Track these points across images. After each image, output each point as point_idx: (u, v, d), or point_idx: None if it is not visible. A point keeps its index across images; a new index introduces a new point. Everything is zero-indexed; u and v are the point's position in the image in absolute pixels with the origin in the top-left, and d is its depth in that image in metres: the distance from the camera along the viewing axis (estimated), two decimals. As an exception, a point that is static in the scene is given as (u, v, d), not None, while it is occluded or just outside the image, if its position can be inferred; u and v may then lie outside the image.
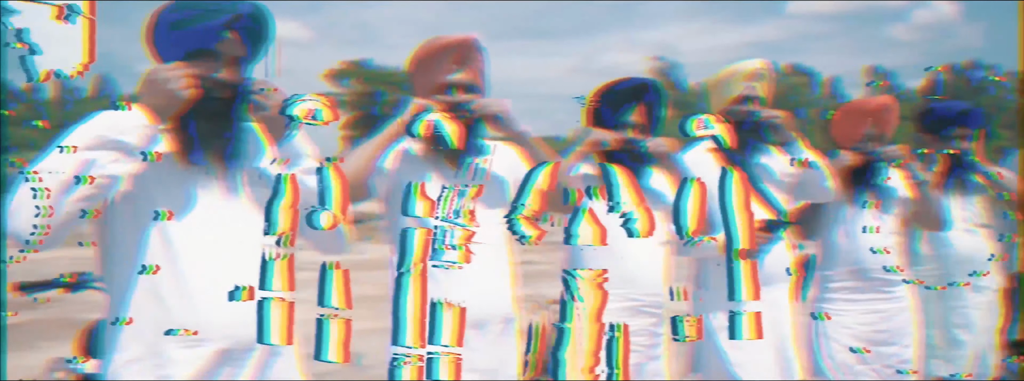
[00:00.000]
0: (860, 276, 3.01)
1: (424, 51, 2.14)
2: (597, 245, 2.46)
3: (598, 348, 2.51)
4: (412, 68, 2.17)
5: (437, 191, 2.14)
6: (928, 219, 3.01)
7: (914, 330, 3.04)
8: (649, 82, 2.60)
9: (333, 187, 1.71)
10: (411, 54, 2.21)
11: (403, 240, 2.17)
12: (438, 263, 2.11)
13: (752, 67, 2.86)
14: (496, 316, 2.15)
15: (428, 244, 2.11)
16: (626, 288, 2.49)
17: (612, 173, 2.54)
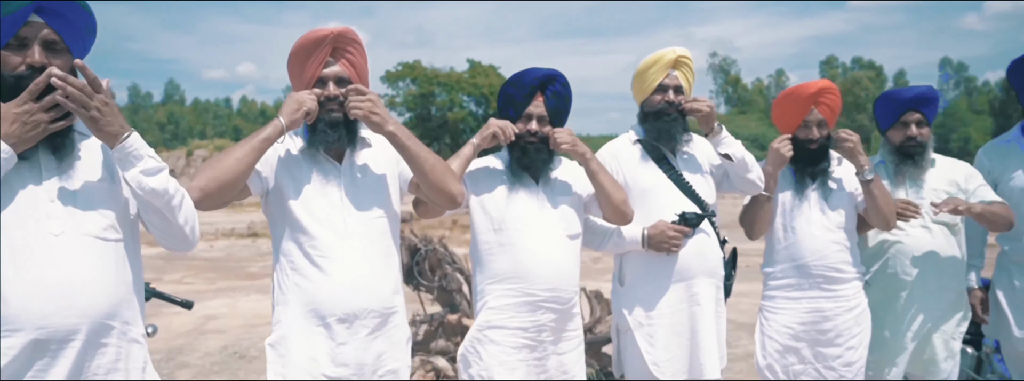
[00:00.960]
0: (801, 273, 2.86)
1: (299, 44, 2.11)
2: (491, 239, 2.42)
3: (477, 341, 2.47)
4: (289, 62, 2.15)
5: (317, 187, 2.13)
6: (875, 213, 2.84)
7: (861, 331, 2.87)
8: (551, 73, 2.52)
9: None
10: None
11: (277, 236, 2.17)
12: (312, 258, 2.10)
13: (672, 56, 2.75)
14: (367, 310, 2.11)
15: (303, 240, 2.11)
16: (522, 283, 2.42)
17: (510, 165, 2.50)
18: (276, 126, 2.01)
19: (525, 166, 2.50)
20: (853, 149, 2.80)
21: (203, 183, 1.93)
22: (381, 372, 2.16)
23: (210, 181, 1.93)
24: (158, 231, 1.81)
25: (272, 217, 2.16)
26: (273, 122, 2.02)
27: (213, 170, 1.95)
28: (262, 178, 2.11)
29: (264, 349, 2.14)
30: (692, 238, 2.67)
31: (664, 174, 2.73)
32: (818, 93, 2.85)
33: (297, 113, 2.03)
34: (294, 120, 2.03)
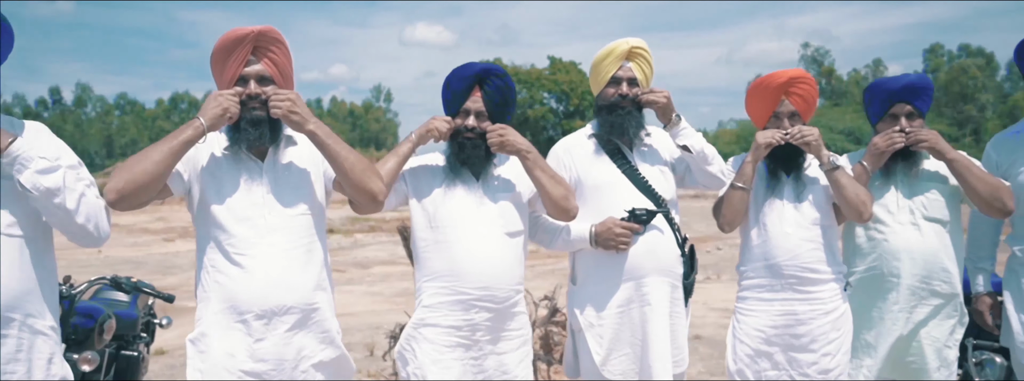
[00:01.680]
0: (772, 273, 2.69)
1: (220, 43, 2.13)
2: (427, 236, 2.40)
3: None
4: (211, 60, 2.18)
5: (239, 185, 2.16)
6: (844, 205, 2.65)
7: (839, 337, 2.67)
8: (488, 68, 2.46)
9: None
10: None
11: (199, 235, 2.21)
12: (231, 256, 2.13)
13: (625, 47, 2.64)
14: (286, 307, 2.12)
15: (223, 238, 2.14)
16: (455, 281, 2.38)
17: (449, 161, 2.46)
18: (196, 127, 2.02)
19: (463, 162, 2.46)
20: (814, 143, 2.62)
21: (120, 185, 1.97)
22: (304, 366, 2.17)
23: (126, 183, 1.97)
24: (61, 228, 1.88)
25: (194, 216, 2.20)
26: (193, 123, 2.03)
27: (129, 172, 1.98)
28: (184, 179, 2.14)
29: None
30: (643, 235, 2.56)
31: (618, 169, 2.63)
32: (788, 83, 2.67)
33: (218, 114, 2.05)
34: (214, 121, 2.05)
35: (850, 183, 2.61)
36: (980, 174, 2.64)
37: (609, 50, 2.66)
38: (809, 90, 2.70)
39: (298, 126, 2.12)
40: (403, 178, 2.47)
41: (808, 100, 2.70)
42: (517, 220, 2.49)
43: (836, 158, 2.66)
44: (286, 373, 2.14)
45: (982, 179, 2.63)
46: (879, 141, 2.71)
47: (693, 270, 2.68)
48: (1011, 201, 2.65)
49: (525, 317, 2.54)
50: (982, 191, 2.62)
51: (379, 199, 2.23)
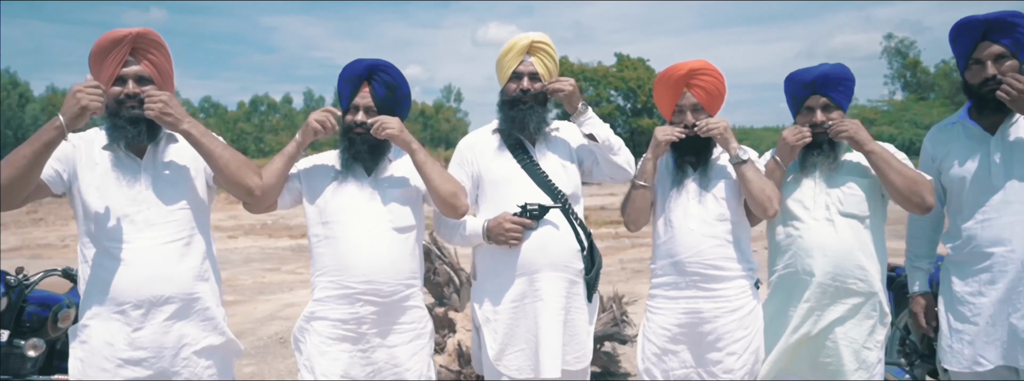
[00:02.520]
0: (677, 270, 2.64)
1: (98, 44, 2.23)
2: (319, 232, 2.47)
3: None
4: (89, 61, 2.27)
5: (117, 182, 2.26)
6: (749, 199, 2.57)
7: (746, 336, 2.60)
8: (376, 63, 2.50)
9: None
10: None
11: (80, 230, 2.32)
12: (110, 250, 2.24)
13: (526, 42, 2.64)
14: (163, 297, 2.22)
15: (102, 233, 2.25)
16: (340, 275, 2.44)
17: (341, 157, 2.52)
18: (56, 127, 2.05)
19: (354, 157, 2.51)
20: (721, 135, 2.55)
21: None
22: (185, 353, 2.27)
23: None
24: None
25: (75, 212, 2.31)
26: (53, 122, 2.06)
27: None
28: (62, 178, 2.24)
29: None
30: (536, 231, 2.55)
31: (518, 164, 2.63)
32: (689, 75, 2.61)
33: (76, 113, 2.05)
34: (73, 120, 2.06)
35: (756, 177, 2.54)
36: (899, 167, 2.52)
37: (510, 45, 2.66)
38: (712, 81, 2.63)
39: (171, 126, 2.21)
40: (297, 177, 2.54)
41: (711, 92, 2.63)
42: (408, 215, 2.52)
43: (745, 151, 2.58)
44: (166, 360, 2.23)
45: (900, 172, 2.51)
46: (788, 135, 2.62)
47: (594, 265, 2.64)
48: (930, 196, 2.52)
49: (421, 311, 2.57)
50: (899, 184, 2.50)
51: (256, 194, 2.31)
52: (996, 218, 2.50)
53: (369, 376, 2.47)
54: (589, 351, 2.67)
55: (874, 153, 2.53)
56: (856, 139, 2.54)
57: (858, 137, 2.54)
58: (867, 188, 2.63)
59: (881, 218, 2.67)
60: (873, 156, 2.53)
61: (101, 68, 2.24)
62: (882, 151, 2.53)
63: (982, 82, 2.52)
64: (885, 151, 2.54)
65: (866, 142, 2.54)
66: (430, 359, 2.59)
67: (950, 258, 2.65)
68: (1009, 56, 2.50)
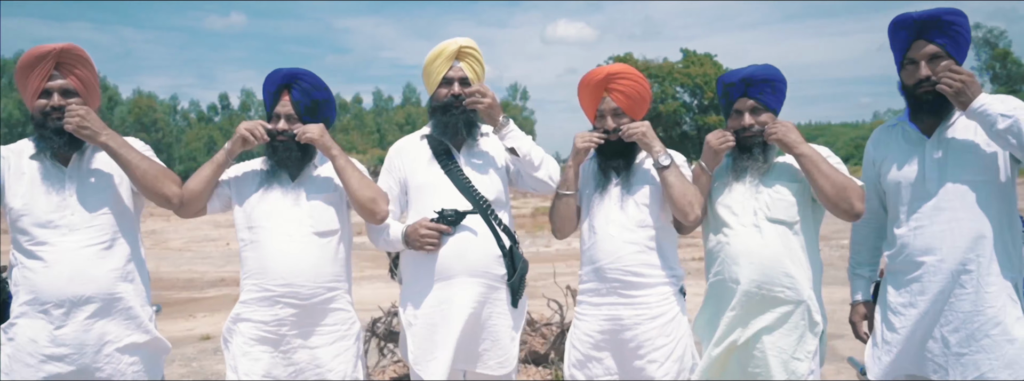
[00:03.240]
0: (599, 277, 2.62)
1: (23, 59, 2.37)
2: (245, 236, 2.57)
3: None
4: (15, 75, 2.40)
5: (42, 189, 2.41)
6: (671, 204, 2.53)
7: (668, 344, 2.55)
8: (293, 72, 2.57)
9: None
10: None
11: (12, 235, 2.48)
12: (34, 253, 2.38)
13: (454, 47, 2.66)
14: (84, 297, 2.34)
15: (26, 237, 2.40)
16: (261, 278, 2.52)
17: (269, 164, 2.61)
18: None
19: (278, 164, 2.59)
20: (642, 139, 2.52)
21: None
22: (107, 350, 2.39)
23: None
24: None
25: (7, 218, 2.45)
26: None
27: None
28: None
29: None
30: (453, 237, 2.57)
31: (441, 170, 2.66)
32: (607, 79, 2.59)
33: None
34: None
35: (677, 182, 2.50)
36: (828, 171, 2.44)
37: (439, 51, 2.68)
38: (631, 85, 2.59)
39: (89, 138, 2.34)
40: (227, 184, 2.63)
41: (631, 96, 2.60)
42: (331, 220, 2.58)
43: (667, 156, 2.54)
44: (88, 357, 2.36)
45: (829, 177, 2.42)
46: (711, 139, 2.57)
47: (516, 270, 2.64)
48: (859, 203, 2.44)
49: (346, 314, 2.62)
50: (827, 189, 2.42)
51: (173, 202, 2.42)
52: (928, 226, 2.39)
53: (291, 376, 2.55)
54: (513, 356, 2.67)
55: (804, 156, 2.45)
56: (785, 142, 2.47)
57: (787, 139, 2.46)
58: (798, 193, 2.55)
59: (813, 224, 2.59)
60: (803, 159, 2.46)
61: (27, 82, 2.38)
62: (812, 154, 2.45)
63: (916, 83, 2.41)
64: (816, 154, 2.46)
65: (796, 145, 2.46)
66: (357, 360, 2.65)
67: (887, 266, 2.54)
68: (944, 56, 2.37)
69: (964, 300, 2.33)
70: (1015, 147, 2.19)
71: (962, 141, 2.38)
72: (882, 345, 2.48)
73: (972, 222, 2.33)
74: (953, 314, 2.34)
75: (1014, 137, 2.16)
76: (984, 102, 2.22)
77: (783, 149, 2.51)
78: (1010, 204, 2.38)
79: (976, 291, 2.31)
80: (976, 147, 2.36)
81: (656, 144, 2.54)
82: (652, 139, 2.54)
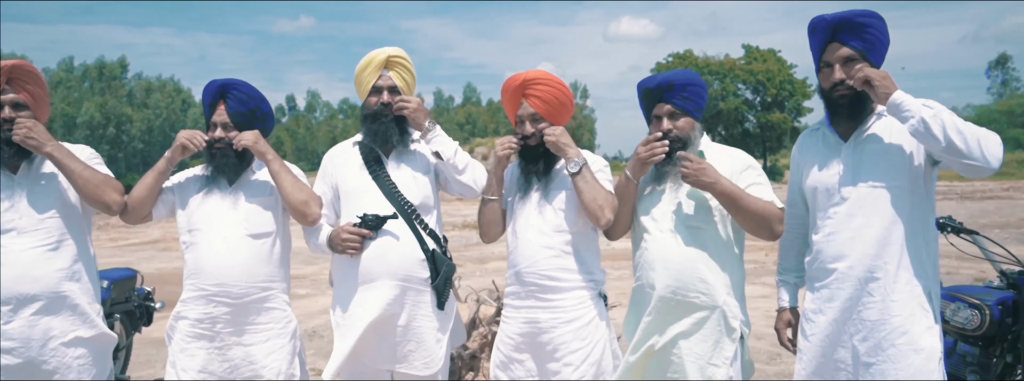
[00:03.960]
0: (519, 280, 2.67)
1: None
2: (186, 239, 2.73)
3: None
4: None
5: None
6: (583, 208, 2.56)
7: (583, 347, 2.58)
8: (227, 82, 2.70)
9: None
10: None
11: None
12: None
13: (383, 57, 2.75)
14: (29, 295, 2.52)
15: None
16: (197, 278, 2.67)
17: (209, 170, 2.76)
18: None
19: (217, 170, 2.73)
20: (556, 143, 2.56)
21: None
22: (53, 344, 2.55)
23: None
24: None
25: None
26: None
27: None
28: None
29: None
30: (375, 241, 2.66)
31: (370, 176, 2.75)
32: (523, 85, 2.64)
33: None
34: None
35: (587, 187, 2.54)
36: (747, 205, 2.45)
37: (368, 60, 2.77)
38: (548, 91, 2.63)
39: (35, 149, 2.52)
40: (171, 190, 2.78)
41: (548, 101, 2.64)
42: (266, 222, 2.71)
43: (577, 164, 2.57)
44: (34, 350, 2.54)
45: (748, 210, 2.46)
46: (640, 149, 2.57)
47: (439, 273, 2.71)
48: (779, 226, 2.49)
49: (281, 312, 2.74)
50: (747, 224, 2.50)
51: (113, 209, 2.59)
52: (839, 232, 2.36)
53: (226, 372, 2.68)
54: (438, 358, 2.74)
55: (722, 195, 2.45)
56: (701, 184, 2.45)
57: (702, 182, 2.43)
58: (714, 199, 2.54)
59: (737, 229, 2.57)
60: (721, 198, 2.46)
61: None
62: (730, 190, 2.43)
63: (832, 86, 2.37)
64: (734, 190, 2.44)
65: (710, 186, 2.43)
66: (293, 357, 2.76)
67: (806, 273, 2.52)
68: (859, 58, 2.33)
69: (872, 308, 2.29)
70: (933, 142, 2.13)
71: (876, 145, 2.34)
72: (800, 353, 2.46)
73: (881, 228, 2.29)
74: (861, 322, 2.31)
75: (932, 132, 2.09)
76: (903, 97, 2.18)
77: (701, 188, 2.49)
78: (924, 210, 2.33)
79: (883, 299, 2.28)
80: (890, 151, 2.32)
81: (569, 150, 2.57)
82: (565, 145, 2.57)
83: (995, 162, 2.09)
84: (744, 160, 2.58)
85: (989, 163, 2.08)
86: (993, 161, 2.09)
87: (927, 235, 2.32)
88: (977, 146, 2.08)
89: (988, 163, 2.08)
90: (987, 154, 2.08)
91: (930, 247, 2.32)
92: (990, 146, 2.09)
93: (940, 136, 2.10)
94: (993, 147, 2.09)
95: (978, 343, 2.82)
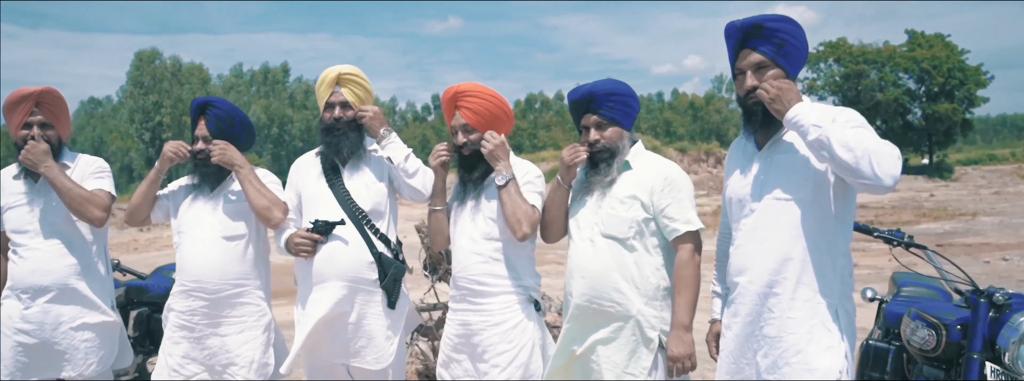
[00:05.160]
0: (455, 285, 2.80)
1: (9, 98, 3.03)
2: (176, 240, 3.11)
3: None
4: (3, 109, 3.07)
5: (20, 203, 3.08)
6: (508, 225, 2.64)
7: (509, 350, 2.67)
8: (206, 101, 3.01)
9: None
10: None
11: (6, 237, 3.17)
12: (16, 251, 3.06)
13: (333, 75, 2.96)
14: (43, 287, 2.95)
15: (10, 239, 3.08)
16: (181, 275, 3.02)
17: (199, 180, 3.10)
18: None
19: (201, 178, 3.07)
20: (491, 153, 2.67)
21: None
22: (63, 328, 3.00)
23: None
24: None
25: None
26: None
27: None
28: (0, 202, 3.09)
29: None
30: (326, 244, 2.87)
31: (326, 184, 2.97)
32: (455, 97, 2.76)
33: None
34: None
35: (509, 200, 2.63)
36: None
37: (322, 78, 2.99)
38: (479, 103, 2.73)
39: (33, 168, 2.97)
40: (166, 197, 3.14)
41: (479, 113, 2.74)
42: (239, 226, 3.00)
43: (504, 177, 2.66)
44: (47, 332, 2.99)
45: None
46: (565, 154, 2.63)
47: (387, 275, 2.88)
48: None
49: (254, 307, 3.02)
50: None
51: (96, 223, 3.00)
52: (745, 245, 2.30)
53: (206, 359, 3.01)
54: (390, 354, 2.91)
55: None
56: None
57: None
58: (640, 209, 2.54)
59: (650, 240, 2.55)
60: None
61: (12, 116, 3.05)
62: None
63: (745, 94, 2.32)
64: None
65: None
66: (267, 348, 3.05)
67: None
68: (770, 65, 2.26)
69: (771, 324, 2.22)
70: (827, 160, 2.05)
71: (785, 157, 2.26)
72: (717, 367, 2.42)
73: (782, 243, 2.21)
74: (762, 338, 2.24)
75: (824, 149, 2.02)
76: (798, 112, 2.10)
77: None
78: (833, 226, 2.21)
79: (781, 316, 2.20)
80: (796, 163, 2.23)
81: (499, 163, 2.67)
82: (497, 157, 2.67)
83: (888, 180, 1.96)
84: (666, 177, 2.55)
85: (880, 180, 1.96)
86: (885, 179, 1.96)
87: (834, 252, 2.21)
88: (867, 164, 1.96)
89: (880, 180, 1.96)
90: (878, 171, 1.96)
91: (838, 263, 2.21)
92: (883, 163, 1.96)
93: (828, 154, 2.01)
94: (886, 164, 1.96)
95: (939, 365, 2.61)
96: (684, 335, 2.42)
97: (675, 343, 2.42)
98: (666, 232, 2.52)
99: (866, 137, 2.00)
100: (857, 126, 2.09)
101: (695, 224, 2.49)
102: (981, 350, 2.43)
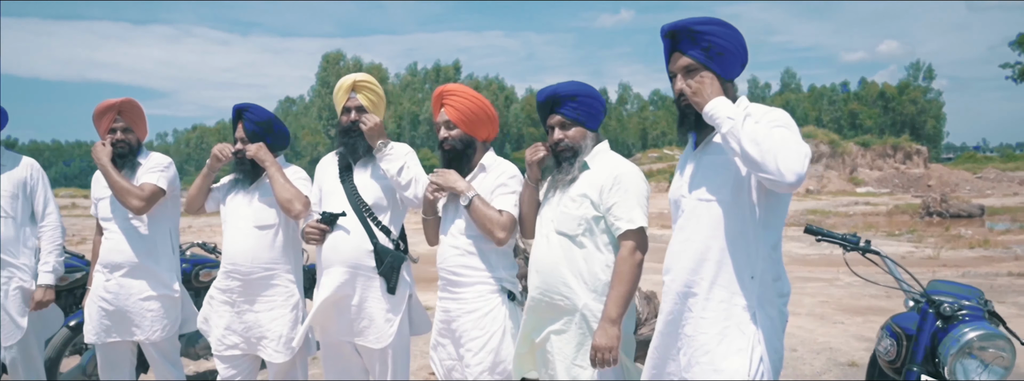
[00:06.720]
0: (440, 275, 3.02)
1: (97, 109, 3.60)
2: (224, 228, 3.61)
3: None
4: (94, 117, 3.65)
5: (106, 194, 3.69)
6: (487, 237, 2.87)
7: (482, 336, 2.86)
8: (242, 106, 3.43)
9: None
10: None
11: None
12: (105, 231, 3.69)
13: (349, 82, 3.27)
14: (118, 264, 3.53)
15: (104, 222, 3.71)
16: (223, 258, 3.49)
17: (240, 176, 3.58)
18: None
19: (240, 174, 3.51)
20: (443, 187, 2.93)
21: None
22: (132, 299, 3.56)
23: None
24: None
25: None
26: None
27: None
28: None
29: None
30: (332, 234, 3.20)
31: (339, 181, 3.30)
32: (441, 95, 2.99)
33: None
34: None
35: (478, 216, 2.84)
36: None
37: (339, 84, 3.32)
38: (462, 102, 2.93)
39: (98, 162, 3.54)
40: (218, 189, 3.62)
41: (462, 111, 2.93)
42: (271, 216, 3.41)
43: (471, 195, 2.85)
44: (120, 301, 3.57)
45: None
46: (527, 153, 2.77)
47: (383, 262, 3.15)
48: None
49: (284, 288, 3.41)
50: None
51: (136, 212, 3.50)
52: (673, 244, 2.33)
53: (243, 331, 3.46)
54: (389, 334, 3.17)
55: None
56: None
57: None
58: (591, 207, 2.62)
59: (600, 237, 2.62)
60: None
61: (100, 122, 3.66)
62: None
63: (677, 96, 2.35)
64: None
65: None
66: (295, 324, 3.44)
67: None
68: (699, 68, 2.27)
69: (689, 323, 2.24)
70: (736, 153, 2.04)
71: (712, 157, 2.26)
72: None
73: (700, 242, 2.23)
74: (682, 337, 2.27)
75: (734, 141, 2.02)
76: (715, 106, 2.10)
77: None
78: (755, 227, 2.18)
79: (697, 316, 2.22)
80: (718, 164, 2.23)
81: (456, 189, 2.89)
82: (450, 188, 2.91)
83: (790, 176, 1.93)
84: (616, 176, 2.61)
85: (783, 176, 1.94)
86: (788, 175, 1.93)
87: (753, 253, 2.18)
88: (772, 159, 1.94)
89: (782, 176, 1.94)
90: (782, 167, 1.93)
91: (758, 266, 2.17)
92: (787, 160, 1.94)
93: (736, 147, 2.01)
94: (791, 161, 1.93)
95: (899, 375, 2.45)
96: (610, 328, 2.48)
97: (599, 334, 2.49)
98: (613, 229, 2.59)
99: (779, 134, 1.98)
100: (778, 125, 2.06)
101: (637, 222, 2.54)
102: (920, 362, 2.27)
